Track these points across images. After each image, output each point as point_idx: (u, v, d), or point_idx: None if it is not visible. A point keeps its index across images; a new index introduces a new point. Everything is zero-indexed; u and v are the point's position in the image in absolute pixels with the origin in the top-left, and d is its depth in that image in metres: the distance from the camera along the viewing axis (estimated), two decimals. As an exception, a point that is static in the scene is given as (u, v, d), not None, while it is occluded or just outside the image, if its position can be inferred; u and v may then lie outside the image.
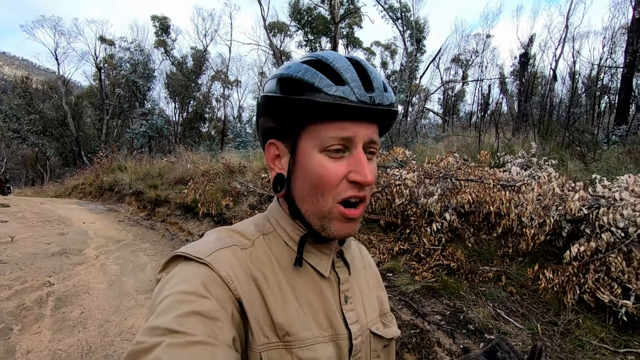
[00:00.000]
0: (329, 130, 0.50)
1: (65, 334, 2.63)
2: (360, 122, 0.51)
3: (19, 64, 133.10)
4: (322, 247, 0.59)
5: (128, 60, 20.87)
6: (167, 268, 0.52)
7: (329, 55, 0.53)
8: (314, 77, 0.50)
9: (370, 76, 0.52)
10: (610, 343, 2.23)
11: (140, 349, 0.39)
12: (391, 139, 8.60)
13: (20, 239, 4.94)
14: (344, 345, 0.56)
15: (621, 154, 5.64)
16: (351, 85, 0.49)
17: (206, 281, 0.47)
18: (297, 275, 0.56)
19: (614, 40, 10.73)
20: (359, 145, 0.51)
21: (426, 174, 3.88)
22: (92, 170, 13.21)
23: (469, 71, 20.14)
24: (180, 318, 0.41)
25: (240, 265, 0.52)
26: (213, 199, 5.90)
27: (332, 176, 0.51)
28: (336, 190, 0.52)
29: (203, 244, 0.53)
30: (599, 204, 2.75)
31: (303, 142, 0.53)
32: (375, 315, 0.65)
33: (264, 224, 0.60)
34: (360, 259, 0.70)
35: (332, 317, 0.56)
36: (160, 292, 0.47)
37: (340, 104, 0.49)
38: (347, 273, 0.62)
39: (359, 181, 0.51)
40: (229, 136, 18.37)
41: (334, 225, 0.53)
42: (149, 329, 0.41)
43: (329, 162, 0.51)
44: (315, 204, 0.53)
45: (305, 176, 0.53)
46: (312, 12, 20.76)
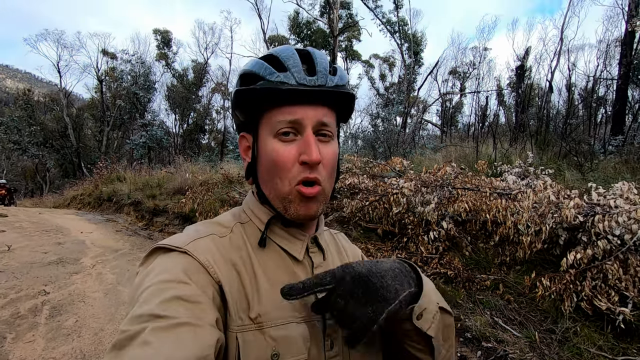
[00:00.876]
0: (278, 115, 0.54)
1: (59, 342, 2.61)
2: (307, 105, 0.54)
3: (22, 77, 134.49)
4: (295, 232, 0.61)
5: (129, 73, 21.11)
6: (146, 261, 0.53)
7: (280, 48, 0.58)
8: (260, 68, 0.55)
9: (315, 62, 0.55)
10: (608, 351, 2.22)
11: (125, 337, 0.40)
12: (390, 149, 8.66)
13: (18, 248, 4.92)
14: (318, 326, 0.57)
15: (618, 163, 5.68)
16: (292, 71, 0.54)
17: (186, 268, 0.49)
18: (269, 259, 0.58)
19: (609, 52, 10.90)
20: (308, 128, 0.54)
21: (423, 183, 3.90)
22: (92, 181, 13.25)
23: (466, 83, 20.36)
24: (163, 304, 0.42)
25: (219, 251, 0.54)
26: (211, 208, 5.90)
27: (284, 159, 0.54)
28: (291, 173, 0.55)
29: (182, 236, 0.56)
30: (595, 212, 2.76)
31: (261, 130, 0.57)
32: None
33: (240, 214, 0.64)
34: (334, 245, 0.72)
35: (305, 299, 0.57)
36: (141, 284, 0.48)
37: (279, 89, 0.52)
38: (321, 258, 0.64)
39: (307, 160, 0.53)
40: (229, 147, 18.46)
41: (293, 206, 0.56)
42: (131, 317, 0.42)
43: (281, 146, 0.55)
44: (275, 187, 0.56)
45: (264, 161, 0.57)
46: (311, 25, 21.13)
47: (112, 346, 0.40)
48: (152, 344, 0.38)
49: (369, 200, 4.23)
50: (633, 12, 7.83)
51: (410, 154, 8.48)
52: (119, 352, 0.39)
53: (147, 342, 0.38)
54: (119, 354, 0.38)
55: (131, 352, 0.38)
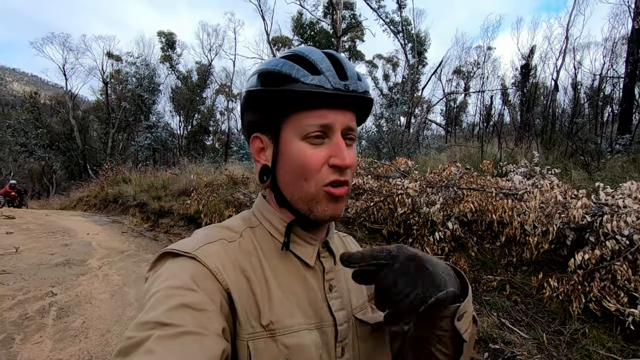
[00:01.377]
0: (308, 118, 0.54)
1: (66, 343, 2.63)
2: (338, 109, 0.54)
3: (28, 80, 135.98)
4: (307, 238, 0.61)
5: (134, 75, 21.26)
6: (155, 267, 0.53)
7: (305, 49, 0.57)
8: (291, 69, 0.53)
9: (344, 67, 0.55)
10: (617, 352, 2.19)
11: (130, 344, 0.40)
12: (394, 149, 8.64)
13: (25, 250, 4.97)
14: (329, 332, 0.57)
15: (625, 162, 5.62)
16: (326, 74, 0.53)
17: (194, 274, 0.48)
18: (281, 265, 0.57)
19: (615, 50, 10.80)
20: (337, 132, 0.54)
21: (428, 183, 3.88)
22: (97, 182, 13.35)
23: (470, 83, 20.28)
24: (169, 311, 0.42)
25: (228, 257, 0.53)
26: (216, 209, 5.91)
27: (314, 162, 0.54)
28: (319, 175, 0.54)
29: (190, 241, 0.55)
30: (603, 212, 2.73)
31: (285, 132, 0.56)
32: (363, 301, 0.66)
33: (249, 218, 0.63)
34: (344, 249, 0.72)
35: (316, 305, 0.57)
36: (149, 290, 0.47)
37: (317, 92, 0.52)
38: (332, 262, 0.63)
39: (339, 164, 0.53)
40: (233, 148, 18.48)
41: (320, 206, 0.56)
42: (137, 324, 0.42)
43: (310, 148, 0.54)
44: (300, 189, 0.56)
45: (289, 164, 0.56)
46: (315, 26, 21.15)
47: (117, 352, 0.40)
48: (156, 352, 0.38)
49: (373, 201, 4.22)
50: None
51: (415, 154, 8.45)
52: (123, 358, 0.39)
53: (151, 350, 0.38)
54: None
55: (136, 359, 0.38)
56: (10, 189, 14.74)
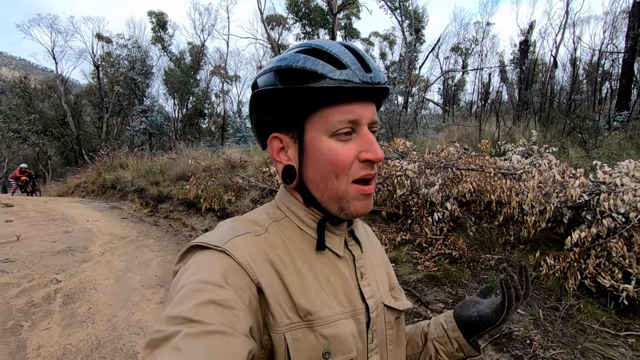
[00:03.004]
0: (335, 114, 0.52)
1: (74, 329, 2.68)
2: (364, 102, 0.53)
3: (17, 64, 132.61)
4: (334, 229, 0.61)
5: (126, 58, 20.77)
6: (184, 259, 0.53)
7: (323, 43, 0.54)
8: (316, 65, 0.51)
9: (364, 59, 0.54)
10: (611, 327, 2.26)
11: (159, 337, 0.40)
12: (391, 130, 8.60)
13: (26, 238, 4.99)
14: (362, 320, 0.58)
15: (622, 139, 5.63)
16: (352, 68, 0.51)
17: (223, 269, 0.47)
18: (315, 257, 0.57)
19: (615, 25, 10.62)
20: (364, 126, 0.54)
21: (427, 164, 3.89)
22: (94, 168, 13.24)
23: (468, 60, 20.01)
24: (198, 307, 0.42)
25: (256, 251, 0.52)
26: (215, 194, 5.92)
27: (345, 158, 0.53)
28: (350, 172, 0.54)
29: (218, 233, 0.54)
30: (600, 190, 2.76)
31: (310, 130, 0.54)
32: (386, 289, 0.68)
33: (274, 212, 0.62)
34: (366, 237, 0.72)
35: (350, 294, 0.58)
36: (177, 282, 0.47)
37: (347, 87, 0.51)
38: (359, 251, 0.64)
39: (372, 159, 0.53)
40: (229, 131, 18.34)
41: (352, 204, 0.56)
42: (167, 317, 0.42)
43: (339, 145, 0.53)
44: (331, 187, 0.55)
45: (317, 163, 0.55)
46: (310, 3, 20.56)
47: (146, 343, 0.41)
48: (184, 351, 0.38)
49: (372, 183, 4.23)
50: (642, -18, 7.56)
51: (413, 134, 8.42)
52: (152, 350, 0.40)
53: (179, 348, 0.39)
54: (153, 353, 0.40)
55: (164, 355, 0.39)
56: (20, 173, 13.49)
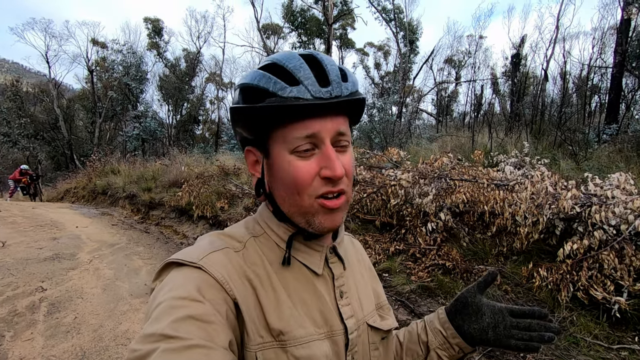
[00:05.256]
0: (293, 131, 0.51)
1: (58, 339, 2.60)
2: (323, 117, 0.51)
3: (9, 67, 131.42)
4: (313, 245, 0.59)
5: (120, 63, 20.67)
6: (160, 276, 0.52)
7: (282, 56, 0.54)
8: (268, 83, 0.51)
9: (326, 70, 0.52)
10: (604, 339, 2.26)
11: (136, 356, 0.39)
12: (385, 139, 8.64)
13: (12, 244, 4.87)
14: (340, 341, 0.56)
15: (612, 152, 5.72)
16: (305, 84, 0.50)
17: (200, 284, 0.47)
18: (290, 274, 0.56)
19: (604, 40, 10.87)
20: (326, 141, 0.52)
21: (421, 174, 3.90)
22: (85, 173, 13.07)
23: (461, 72, 20.29)
24: (175, 323, 0.41)
25: (233, 266, 0.52)
26: (208, 201, 5.87)
27: (304, 175, 0.52)
28: (311, 188, 0.52)
29: (195, 249, 0.53)
30: (591, 202, 2.78)
31: (273, 146, 0.54)
32: (372, 308, 0.66)
33: (254, 227, 0.61)
34: (354, 253, 0.71)
35: (327, 314, 0.56)
36: (154, 300, 0.46)
37: (296, 105, 0.49)
38: (341, 268, 0.63)
39: (330, 176, 0.51)
40: (223, 138, 18.30)
41: (317, 219, 0.54)
42: (143, 336, 0.41)
43: (300, 162, 0.52)
44: (295, 203, 0.54)
45: (280, 179, 0.54)
46: (306, 13, 20.78)
47: None
48: None
49: (366, 192, 4.23)
50: (629, 0, 7.79)
51: (407, 144, 8.47)
52: None
53: None
54: None
55: None
56: (20, 175, 12.74)
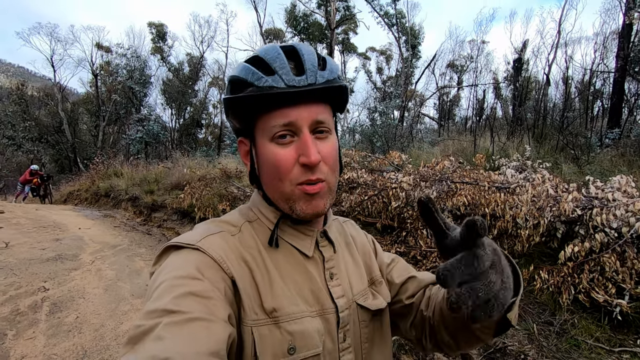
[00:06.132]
0: (271, 119, 0.54)
1: (60, 338, 2.61)
2: (299, 105, 0.53)
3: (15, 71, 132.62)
4: (303, 229, 0.62)
5: (124, 67, 20.86)
6: (160, 260, 0.54)
7: (263, 49, 0.56)
8: (247, 74, 0.54)
9: (302, 59, 0.54)
10: (605, 342, 2.25)
11: (140, 331, 0.40)
12: (387, 143, 8.66)
13: (15, 245, 4.90)
14: (331, 319, 0.58)
15: (614, 156, 5.71)
16: (279, 73, 0.52)
17: (199, 264, 0.49)
18: (281, 256, 0.59)
19: (606, 45, 10.89)
20: (304, 128, 0.54)
21: (422, 177, 3.91)
22: (88, 176, 13.13)
23: (463, 76, 20.33)
24: (176, 299, 0.43)
25: (230, 248, 0.55)
26: (210, 203, 5.88)
27: (284, 162, 0.54)
28: (292, 175, 0.55)
29: (193, 234, 0.56)
30: (593, 205, 2.78)
31: (257, 135, 0.57)
32: (364, 287, 0.67)
33: (247, 213, 0.64)
34: (344, 237, 0.72)
35: (318, 293, 0.59)
36: (154, 281, 0.48)
37: (269, 93, 0.52)
38: (332, 251, 0.65)
39: (306, 162, 0.53)
40: (226, 141, 18.39)
41: (299, 205, 0.56)
42: (146, 312, 0.42)
43: (279, 149, 0.54)
44: (277, 189, 0.57)
45: (264, 165, 0.57)
46: (308, 18, 20.93)
47: (127, 340, 0.41)
48: (166, 339, 0.39)
49: (367, 195, 4.24)
50: (631, 5, 7.81)
51: (408, 147, 8.48)
52: (134, 346, 0.40)
53: (160, 337, 0.39)
54: (134, 348, 0.39)
55: (146, 346, 0.39)
56: (31, 175, 12.42)
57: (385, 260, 0.76)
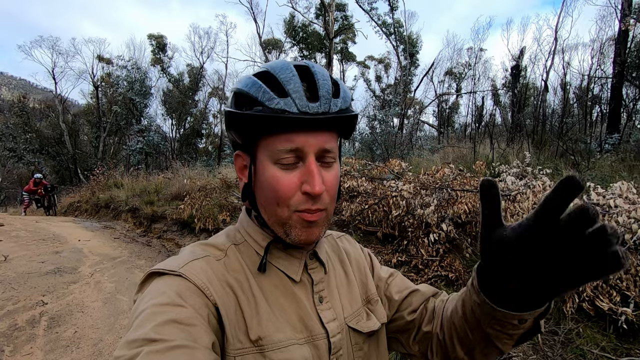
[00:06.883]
0: (277, 143, 0.52)
1: (58, 354, 2.57)
2: (309, 132, 0.51)
3: (17, 84, 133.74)
4: (292, 252, 0.60)
5: (125, 78, 21.03)
6: (142, 288, 0.52)
7: (277, 65, 0.54)
8: (258, 91, 0.51)
9: (317, 84, 0.52)
10: (611, 351, 2.21)
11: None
12: (387, 151, 8.67)
13: (15, 258, 4.87)
14: (321, 345, 0.56)
15: (614, 162, 5.70)
16: (293, 97, 0.50)
17: (181, 291, 0.47)
18: (268, 281, 0.57)
19: (603, 51, 10.98)
20: (310, 156, 0.52)
21: (422, 185, 3.90)
22: (89, 187, 13.12)
23: (462, 84, 20.47)
24: (158, 327, 0.41)
25: (214, 273, 0.53)
26: (210, 214, 5.87)
27: (285, 188, 0.52)
28: (291, 201, 0.53)
29: (176, 259, 0.54)
30: (594, 212, 2.76)
31: (259, 153, 0.54)
32: (357, 307, 0.65)
33: (235, 235, 0.62)
34: (338, 252, 0.70)
35: (306, 319, 0.56)
36: (136, 309, 0.47)
37: (281, 117, 0.49)
38: (322, 273, 0.63)
39: (309, 192, 0.52)
40: (226, 151, 18.44)
41: (294, 231, 0.54)
42: (126, 342, 0.41)
43: (282, 173, 0.52)
44: (274, 212, 0.54)
45: (263, 187, 0.55)
46: (307, 28, 21.17)
47: None
48: None
49: (368, 204, 4.22)
50: (626, 11, 7.89)
51: (408, 155, 8.49)
52: None
53: None
54: None
55: None
56: (35, 185, 11.97)
57: (382, 275, 0.73)
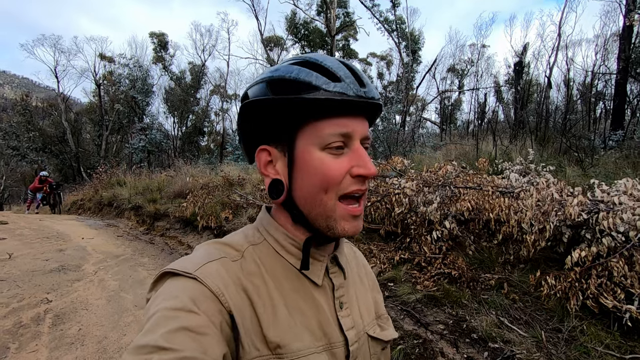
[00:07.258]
0: (328, 127, 0.51)
1: (62, 351, 2.59)
2: (357, 117, 0.53)
3: (19, 83, 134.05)
4: (316, 254, 0.58)
5: (127, 76, 21.07)
6: (155, 287, 0.51)
7: (317, 56, 0.54)
8: (310, 76, 0.50)
9: (358, 74, 0.53)
10: (615, 349, 2.20)
11: None
12: (389, 148, 8.64)
13: (19, 256, 4.90)
14: (339, 353, 0.55)
15: (618, 158, 5.67)
16: (347, 82, 0.51)
17: (195, 296, 0.46)
18: (288, 285, 0.55)
19: (607, 47, 10.89)
20: (357, 141, 0.53)
21: (425, 182, 3.88)
22: (91, 185, 13.16)
23: (464, 80, 20.38)
24: (168, 334, 0.41)
25: (230, 277, 0.51)
26: (212, 211, 5.88)
27: (336, 172, 0.51)
28: (340, 186, 0.52)
29: (191, 259, 0.52)
30: (598, 209, 2.74)
31: (300, 142, 0.52)
32: (372, 318, 0.65)
33: (253, 234, 0.59)
34: (355, 261, 0.70)
35: (325, 326, 0.55)
36: (148, 310, 0.46)
37: (342, 99, 0.49)
38: (342, 278, 0.61)
39: (364, 174, 0.52)
40: (228, 149, 18.44)
41: (340, 224, 0.53)
42: (136, 347, 0.40)
43: (331, 159, 0.52)
44: (319, 203, 0.53)
45: (307, 176, 0.53)
46: (309, 25, 21.09)
47: None
48: None
49: (370, 201, 4.21)
50: (631, 7, 7.81)
51: (411, 152, 8.47)
52: None
53: None
54: None
55: None
56: (40, 183, 11.81)
57: None
